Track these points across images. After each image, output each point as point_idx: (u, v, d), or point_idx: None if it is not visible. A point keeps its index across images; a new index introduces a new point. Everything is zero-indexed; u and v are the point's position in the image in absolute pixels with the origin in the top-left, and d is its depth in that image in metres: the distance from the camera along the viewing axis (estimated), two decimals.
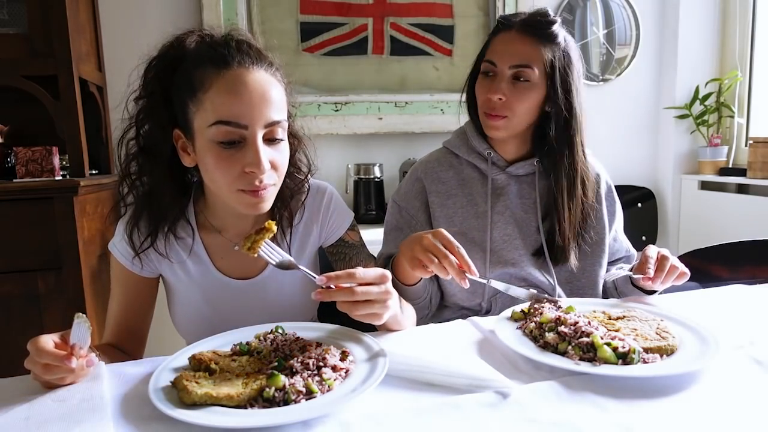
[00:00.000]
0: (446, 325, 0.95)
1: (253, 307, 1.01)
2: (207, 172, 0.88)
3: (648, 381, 0.71)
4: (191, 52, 0.86)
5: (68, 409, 0.67)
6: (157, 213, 0.94)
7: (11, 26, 1.76)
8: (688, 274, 1.01)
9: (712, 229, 2.51)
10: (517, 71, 1.08)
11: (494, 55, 1.10)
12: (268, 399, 0.66)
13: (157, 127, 0.90)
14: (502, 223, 1.15)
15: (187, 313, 1.02)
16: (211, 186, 0.91)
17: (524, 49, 1.08)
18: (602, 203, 1.21)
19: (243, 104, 0.82)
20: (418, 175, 1.22)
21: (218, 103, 0.82)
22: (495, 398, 0.68)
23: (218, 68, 0.83)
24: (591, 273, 1.18)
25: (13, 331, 1.65)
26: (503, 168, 1.18)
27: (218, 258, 1.00)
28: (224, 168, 0.84)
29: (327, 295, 0.77)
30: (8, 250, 1.62)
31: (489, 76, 1.11)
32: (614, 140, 2.71)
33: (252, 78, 0.84)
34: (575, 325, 0.81)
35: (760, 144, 2.31)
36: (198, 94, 0.84)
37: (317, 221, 1.05)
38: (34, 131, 1.89)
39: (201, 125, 0.84)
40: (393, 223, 1.22)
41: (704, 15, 2.61)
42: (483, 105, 1.12)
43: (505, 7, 2.43)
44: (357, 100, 2.37)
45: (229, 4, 2.19)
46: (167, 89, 0.88)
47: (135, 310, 1.02)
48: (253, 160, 0.83)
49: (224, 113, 0.82)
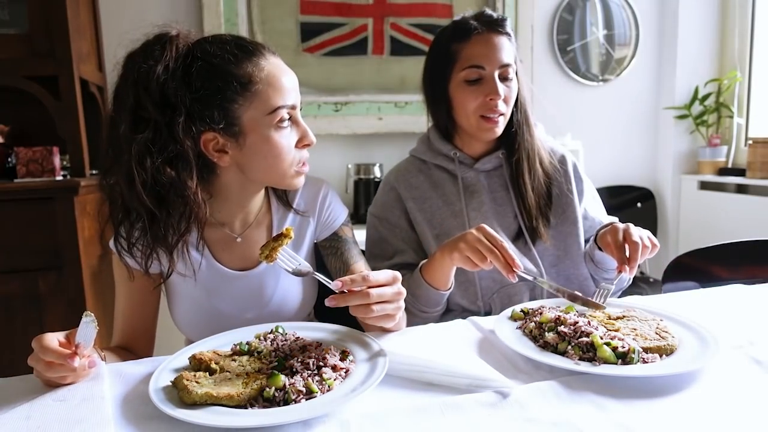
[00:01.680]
0: (446, 325, 0.96)
1: (251, 298, 1.02)
2: (267, 157, 0.88)
3: (648, 381, 0.71)
4: (224, 57, 0.85)
5: (69, 408, 0.67)
6: (167, 241, 0.89)
7: (12, 26, 1.76)
8: (658, 246, 1.00)
9: (712, 229, 2.51)
10: (503, 71, 1.13)
11: (480, 59, 1.12)
12: (268, 399, 0.66)
13: (188, 135, 0.83)
14: (480, 218, 1.18)
15: (186, 306, 1.03)
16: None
17: (505, 48, 1.13)
18: (571, 182, 1.23)
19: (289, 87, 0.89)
20: (392, 185, 1.24)
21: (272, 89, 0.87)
22: (495, 398, 0.68)
23: (256, 58, 0.87)
24: (572, 253, 1.20)
25: (13, 331, 1.65)
26: (470, 165, 1.22)
27: (219, 250, 1.01)
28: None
29: (342, 299, 0.77)
30: (8, 250, 1.62)
31: (477, 81, 1.13)
32: (614, 140, 2.72)
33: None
34: (575, 324, 0.81)
35: (760, 144, 2.31)
36: (248, 86, 0.85)
37: (314, 214, 1.06)
38: (35, 131, 1.90)
39: (255, 115, 0.86)
40: (375, 236, 1.24)
41: (704, 15, 2.61)
42: (479, 109, 1.14)
43: (505, 7, 2.43)
44: (357, 100, 2.37)
45: (229, 4, 2.20)
46: (208, 92, 0.84)
47: (141, 308, 1.02)
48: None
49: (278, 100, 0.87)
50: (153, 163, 0.82)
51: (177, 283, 1.01)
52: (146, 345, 1.04)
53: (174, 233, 0.88)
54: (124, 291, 1.01)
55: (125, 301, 1.01)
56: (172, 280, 1.02)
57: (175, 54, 0.84)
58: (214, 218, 0.99)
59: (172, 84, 0.83)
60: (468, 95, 1.14)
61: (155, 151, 0.82)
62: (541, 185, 1.19)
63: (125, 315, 1.01)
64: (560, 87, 2.61)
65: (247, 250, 1.01)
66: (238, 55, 0.86)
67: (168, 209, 0.86)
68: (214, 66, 0.85)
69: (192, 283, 1.00)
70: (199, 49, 0.86)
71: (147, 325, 1.04)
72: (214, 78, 0.84)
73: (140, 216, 0.87)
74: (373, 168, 2.34)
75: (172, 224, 0.87)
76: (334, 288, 0.77)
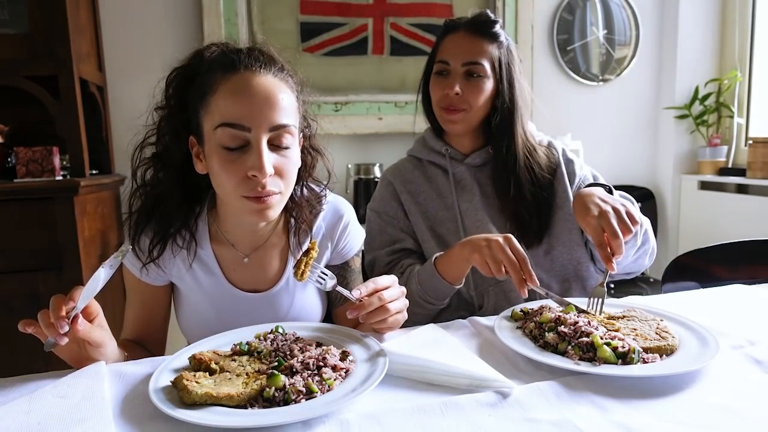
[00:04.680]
0: (446, 325, 0.95)
1: (262, 320, 0.99)
2: (214, 177, 0.88)
3: (648, 381, 0.71)
4: (206, 61, 0.88)
5: (69, 406, 0.67)
6: (163, 219, 0.94)
7: (12, 26, 1.76)
8: (632, 231, 0.93)
9: (712, 229, 2.51)
10: (469, 68, 1.16)
11: (446, 54, 1.18)
12: (268, 399, 0.66)
13: (172, 133, 0.91)
14: (471, 211, 1.21)
15: (195, 321, 1.02)
16: (218, 192, 0.91)
17: (473, 47, 1.16)
18: (561, 167, 1.23)
19: (246, 106, 0.82)
20: (389, 180, 1.29)
21: (223, 105, 0.83)
22: (495, 398, 0.68)
23: (225, 72, 0.85)
24: (563, 239, 1.19)
25: (13, 331, 1.64)
26: (461, 160, 1.25)
27: (230, 270, 1.00)
28: (228, 171, 0.83)
29: (363, 311, 0.81)
30: (8, 250, 1.62)
31: (443, 74, 1.19)
32: (614, 140, 2.72)
33: (258, 81, 0.84)
34: (575, 324, 0.81)
35: (760, 144, 2.31)
36: (207, 97, 0.85)
37: (332, 240, 1.05)
38: (35, 131, 1.89)
39: (209, 129, 0.85)
40: (375, 229, 1.27)
41: (704, 15, 2.61)
42: (440, 101, 1.19)
43: (505, 6, 2.43)
44: (357, 100, 2.37)
45: (229, 4, 2.19)
46: (184, 98, 0.89)
47: (151, 316, 1.03)
48: (255, 163, 0.82)
49: (228, 115, 0.82)
50: (159, 140, 0.93)
51: (188, 299, 1.01)
52: (159, 341, 1.06)
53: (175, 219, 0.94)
54: (134, 299, 1.02)
55: (135, 308, 1.02)
56: (182, 295, 1.02)
57: (203, 57, 0.90)
58: (223, 236, 0.99)
59: (174, 83, 0.90)
60: (434, 86, 1.21)
61: (162, 127, 0.92)
62: (526, 182, 1.19)
63: (135, 320, 1.02)
64: (560, 87, 2.61)
65: (259, 272, 1.00)
66: (216, 65, 0.86)
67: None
68: (200, 72, 0.87)
69: (203, 301, 1.00)
70: (200, 53, 0.90)
71: (157, 328, 1.05)
72: (195, 83, 0.87)
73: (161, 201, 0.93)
74: (373, 168, 2.34)
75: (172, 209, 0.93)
76: (354, 299, 0.81)
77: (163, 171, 0.93)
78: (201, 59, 0.89)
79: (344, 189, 2.39)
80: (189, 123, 0.89)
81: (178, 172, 0.91)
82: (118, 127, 2.15)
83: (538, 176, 1.21)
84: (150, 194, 0.94)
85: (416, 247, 1.23)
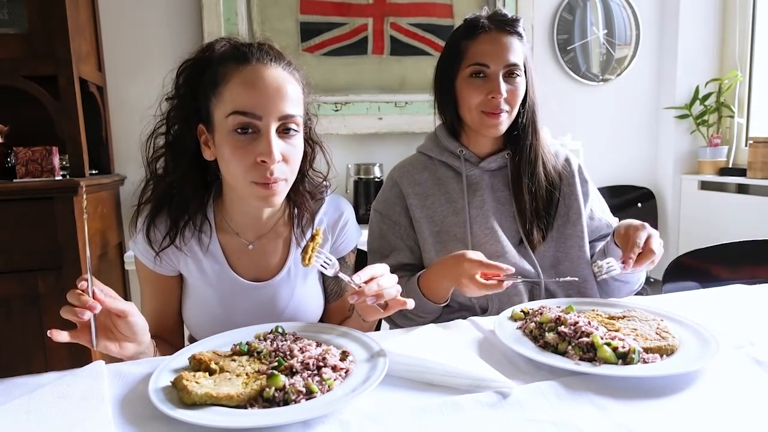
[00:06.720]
0: (446, 325, 0.96)
1: (264, 308, 1.03)
2: (224, 163, 0.91)
3: (648, 381, 0.71)
4: (218, 53, 0.92)
5: (69, 406, 0.66)
6: (177, 206, 0.98)
7: (11, 26, 1.76)
8: (655, 263, 1.02)
9: (712, 229, 2.51)
10: (508, 69, 1.14)
11: (484, 57, 1.13)
12: (268, 399, 0.66)
13: (183, 122, 0.95)
14: (481, 217, 1.18)
15: (200, 311, 1.04)
16: (227, 178, 0.94)
17: (511, 47, 1.14)
18: (576, 185, 1.23)
19: (258, 96, 0.87)
20: (395, 180, 1.25)
21: (236, 94, 0.87)
22: (495, 398, 0.68)
23: (238, 63, 0.89)
24: (571, 255, 1.19)
25: (13, 331, 1.65)
26: (476, 164, 1.22)
27: (234, 259, 1.03)
28: (239, 157, 0.87)
29: (363, 297, 0.82)
30: (8, 250, 1.62)
31: (480, 77, 1.14)
32: (614, 140, 2.71)
33: (269, 73, 0.89)
34: (575, 325, 0.81)
35: (760, 144, 2.31)
36: (219, 87, 0.89)
37: (333, 235, 1.09)
38: (34, 131, 1.89)
39: (220, 116, 0.89)
40: (377, 232, 1.25)
41: (704, 15, 2.61)
42: (482, 105, 1.14)
43: (505, 6, 2.43)
44: (357, 100, 2.37)
45: (229, 4, 2.19)
46: (195, 89, 0.93)
47: (167, 305, 1.06)
48: (265, 149, 0.86)
49: (240, 104, 0.86)
50: (169, 129, 0.96)
51: (193, 289, 1.04)
52: (175, 337, 1.09)
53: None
54: (147, 289, 1.05)
55: (150, 298, 1.06)
56: (188, 285, 1.05)
57: (214, 49, 0.93)
58: (227, 225, 1.02)
59: (185, 73, 0.94)
60: (472, 91, 1.15)
61: (172, 116, 0.96)
62: (541, 189, 1.19)
63: (152, 312, 1.05)
64: (560, 87, 2.61)
65: (262, 260, 1.03)
66: (228, 57, 0.90)
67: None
68: (212, 63, 0.91)
69: (207, 289, 1.02)
70: (210, 45, 0.94)
71: (174, 318, 1.08)
72: (207, 74, 0.91)
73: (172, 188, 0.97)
74: (373, 168, 2.34)
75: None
76: (354, 285, 0.82)
77: (175, 159, 0.96)
78: (212, 51, 0.92)
79: (344, 189, 2.38)
80: (199, 111, 0.93)
81: (191, 158, 0.95)
82: (118, 127, 2.15)
83: (554, 181, 1.21)
84: (163, 182, 0.97)
85: (411, 260, 1.20)
